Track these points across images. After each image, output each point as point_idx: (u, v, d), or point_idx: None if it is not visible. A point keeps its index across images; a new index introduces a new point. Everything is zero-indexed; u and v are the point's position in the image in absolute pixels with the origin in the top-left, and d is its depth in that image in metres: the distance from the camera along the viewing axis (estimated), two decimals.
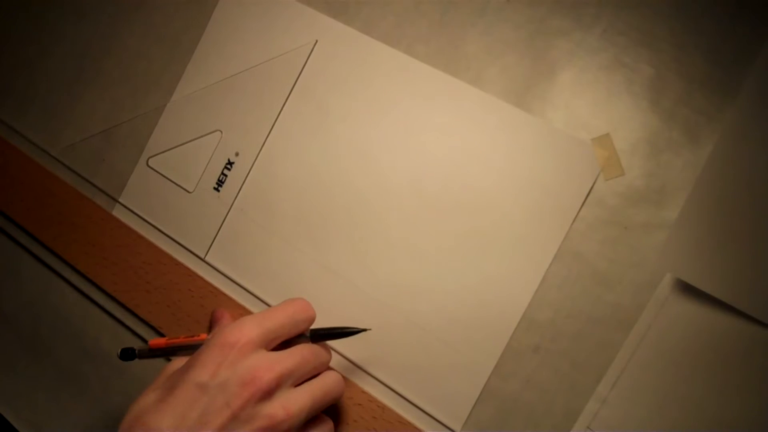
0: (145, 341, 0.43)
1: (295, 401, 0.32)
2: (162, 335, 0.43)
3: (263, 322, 0.34)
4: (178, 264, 0.43)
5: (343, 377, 0.38)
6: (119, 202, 0.45)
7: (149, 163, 0.45)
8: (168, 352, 0.38)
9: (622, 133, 0.36)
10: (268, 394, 0.31)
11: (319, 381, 0.35)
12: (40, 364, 0.45)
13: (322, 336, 0.36)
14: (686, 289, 0.34)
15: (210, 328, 0.41)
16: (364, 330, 0.37)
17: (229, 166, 0.43)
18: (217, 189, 0.43)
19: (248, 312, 0.41)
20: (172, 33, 0.46)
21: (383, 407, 0.38)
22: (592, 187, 0.36)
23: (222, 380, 0.31)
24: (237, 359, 0.32)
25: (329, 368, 0.37)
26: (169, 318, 0.42)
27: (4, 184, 0.48)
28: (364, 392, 0.38)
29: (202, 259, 0.43)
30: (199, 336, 0.37)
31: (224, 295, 0.42)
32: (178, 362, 0.35)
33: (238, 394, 0.31)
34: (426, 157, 0.39)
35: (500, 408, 0.36)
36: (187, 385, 0.31)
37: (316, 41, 0.42)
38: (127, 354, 0.38)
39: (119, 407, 0.43)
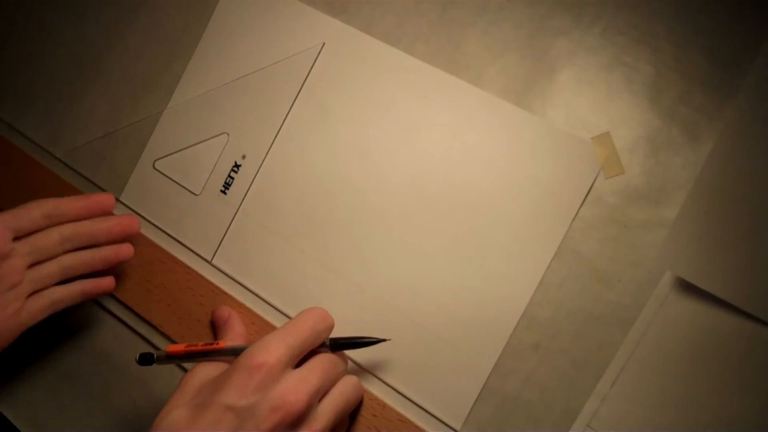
0: (145, 340, 0.43)
1: (321, 420, 0.33)
2: (162, 333, 0.43)
3: (288, 340, 0.34)
4: (178, 262, 0.43)
5: None
6: (120, 201, 0.45)
7: (156, 166, 0.45)
8: (186, 359, 0.38)
9: (622, 132, 0.36)
10: (300, 419, 0.32)
11: (341, 392, 0.35)
12: (40, 362, 0.45)
13: (341, 345, 0.37)
14: (686, 287, 0.34)
15: (213, 326, 0.41)
16: (384, 340, 0.37)
17: (236, 169, 0.43)
18: (224, 192, 0.43)
19: (249, 310, 0.41)
20: (173, 32, 0.46)
21: (384, 405, 0.38)
22: (591, 186, 0.36)
23: (251, 403, 0.31)
24: (265, 383, 0.32)
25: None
26: (170, 316, 0.42)
27: (4, 183, 0.48)
28: (364, 390, 0.38)
29: (209, 262, 0.43)
30: (217, 344, 0.37)
31: (225, 294, 0.42)
32: (201, 371, 0.35)
33: (268, 418, 0.31)
34: (426, 156, 0.39)
35: (500, 406, 0.36)
36: (217, 407, 0.31)
37: (324, 44, 0.42)
38: (146, 359, 0.38)
39: (119, 406, 0.43)
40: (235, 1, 0.45)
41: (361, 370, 0.39)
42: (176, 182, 0.44)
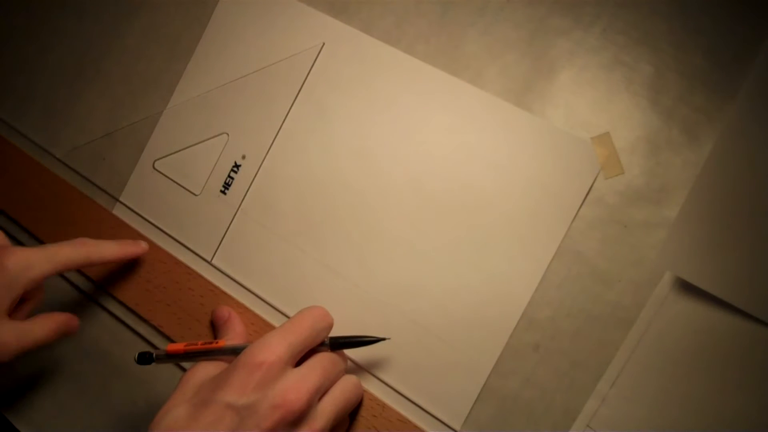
0: (145, 340, 0.43)
1: (321, 419, 0.33)
2: (162, 333, 0.43)
3: (288, 338, 0.34)
4: (178, 262, 0.43)
5: None
6: (120, 201, 0.46)
7: (156, 166, 0.45)
8: (185, 358, 0.38)
9: (621, 132, 0.36)
10: (300, 417, 0.32)
11: (341, 390, 0.35)
12: (41, 363, 0.45)
13: (341, 344, 0.37)
14: (686, 287, 0.34)
15: (213, 326, 0.41)
16: (384, 339, 0.37)
17: (235, 169, 0.43)
18: (223, 192, 0.43)
19: (249, 310, 0.41)
20: (173, 32, 0.46)
21: (383, 405, 0.38)
22: (591, 186, 0.36)
23: (252, 401, 0.31)
24: (266, 380, 0.32)
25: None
26: (170, 316, 0.42)
27: (4, 183, 0.48)
28: (364, 390, 0.38)
29: (209, 262, 0.43)
30: (216, 343, 0.37)
31: (225, 294, 0.42)
32: (201, 370, 0.35)
33: (268, 416, 0.31)
34: (426, 157, 0.39)
35: (500, 406, 0.36)
36: (217, 405, 0.31)
37: (323, 44, 0.42)
38: (144, 358, 0.38)
39: (119, 406, 0.43)
40: (235, 1, 0.45)
41: (361, 370, 0.39)
42: (176, 182, 0.44)
